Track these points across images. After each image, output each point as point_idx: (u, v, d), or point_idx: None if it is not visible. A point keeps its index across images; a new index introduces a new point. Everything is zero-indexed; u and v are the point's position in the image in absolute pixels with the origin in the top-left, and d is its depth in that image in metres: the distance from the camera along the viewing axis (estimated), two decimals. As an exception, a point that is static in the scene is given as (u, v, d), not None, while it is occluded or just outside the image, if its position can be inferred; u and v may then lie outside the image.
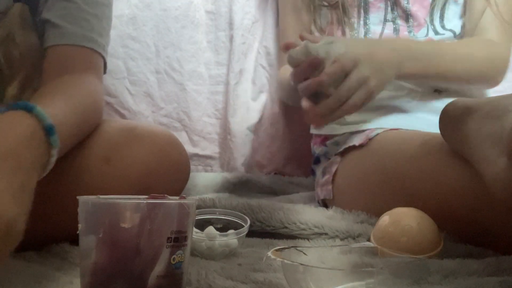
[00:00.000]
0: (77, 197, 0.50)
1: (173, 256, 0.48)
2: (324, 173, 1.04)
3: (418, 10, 1.09)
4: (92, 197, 0.50)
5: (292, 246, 0.63)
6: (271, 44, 1.32)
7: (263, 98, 1.31)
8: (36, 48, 0.81)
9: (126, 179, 0.74)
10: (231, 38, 1.31)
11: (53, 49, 0.80)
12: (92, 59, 0.82)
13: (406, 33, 1.08)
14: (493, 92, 1.13)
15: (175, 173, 0.79)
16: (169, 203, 0.49)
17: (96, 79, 0.82)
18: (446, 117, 0.77)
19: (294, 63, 0.90)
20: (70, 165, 0.74)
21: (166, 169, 0.77)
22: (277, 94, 1.29)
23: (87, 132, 0.75)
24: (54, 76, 0.78)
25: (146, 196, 0.52)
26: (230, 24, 1.31)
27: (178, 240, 0.48)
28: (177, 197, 0.52)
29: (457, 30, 1.10)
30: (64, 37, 0.80)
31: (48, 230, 0.73)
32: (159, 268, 0.47)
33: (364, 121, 1.03)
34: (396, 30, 1.09)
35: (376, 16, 1.10)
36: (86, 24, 0.81)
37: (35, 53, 0.81)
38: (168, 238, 0.48)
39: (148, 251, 0.47)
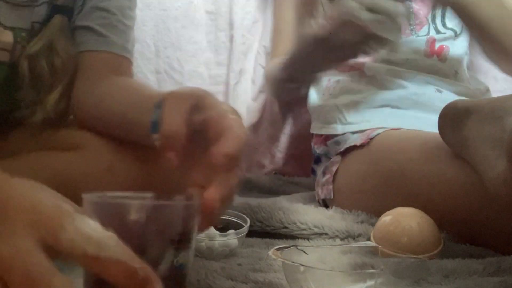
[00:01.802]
0: (82, 195, 0.50)
1: (176, 258, 0.48)
2: (324, 173, 1.04)
3: (420, 8, 1.09)
4: (96, 195, 0.50)
5: (293, 245, 0.62)
6: (271, 44, 1.32)
7: (263, 98, 1.31)
8: (75, 57, 0.83)
9: (128, 188, 0.74)
10: (231, 38, 1.31)
11: (94, 53, 0.84)
12: (127, 67, 0.87)
13: (408, 31, 1.09)
14: (493, 92, 1.14)
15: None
16: (175, 204, 0.49)
17: None
18: (445, 118, 0.76)
19: None
20: (72, 174, 0.74)
21: None
22: (267, 90, 1.28)
23: None
24: (92, 79, 0.81)
25: (151, 195, 0.52)
26: (230, 24, 1.31)
27: (182, 241, 0.48)
28: (182, 197, 0.52)
29: (458, 29, 1.10)
30: (107, 44, 0.83)
31: None
32: (162, 269, 0.47)
33: (365, 121, 1.03)
34: None
35: None
36: (124, 35, 0.86)
37: (74, 62, 0.83)
38: (172, 240, 0.48)
39: (151, 252, 0.47)
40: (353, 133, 1.03)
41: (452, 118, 0.74)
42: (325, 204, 1.04)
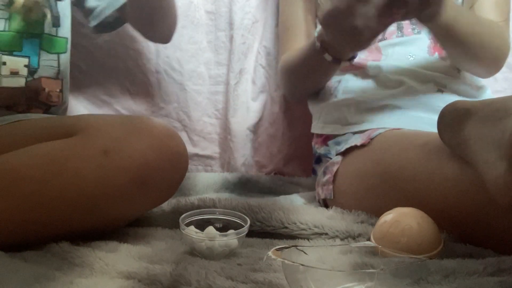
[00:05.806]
0: None
1: None
2: (325, 173, 1.04)
3: None
4: None
5: (293, 245, 0.63)
6: (271, 44, 1.32)
7: (263, 98, 1.31)
8: None
9: (125, 171, 0.75)
10: (231, 38, 1.31)
11: None
12: None
13: (410, 30, 1.09)
14: (493, 93, 1.14)
15: (174, 164, 0.80)
16: None
17: None
18: (444, 120, 0.76)
19: None
20: (68, 157, 0.74)
21: (165, 160, 0.78)
22: (282, 85, 1.25)
23: None
24: None
25: None
26: (230, 24, 1.31)
27: None
28: None
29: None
30: None
31: (47, 225, 0.74)
32: None
33: (366, 121, 1.03)
34: (399, 28, 1.09)
35: None
36: None
37: None
38: None
39: None
40: (354, 133, 1.03)
41: (451, 119, 0.74)
42: (325, 204, 1.04)
